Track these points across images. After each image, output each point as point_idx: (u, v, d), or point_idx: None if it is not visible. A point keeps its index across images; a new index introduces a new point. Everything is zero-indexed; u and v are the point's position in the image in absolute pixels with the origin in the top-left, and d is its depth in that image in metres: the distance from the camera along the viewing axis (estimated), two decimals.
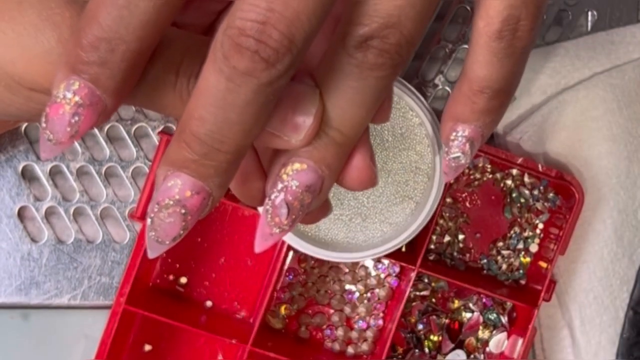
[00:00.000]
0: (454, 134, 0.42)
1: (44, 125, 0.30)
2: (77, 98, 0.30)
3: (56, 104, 0.30)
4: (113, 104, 0.31)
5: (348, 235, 0.54)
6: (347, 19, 0.31)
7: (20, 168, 0.61)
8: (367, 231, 0.55)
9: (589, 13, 0.65)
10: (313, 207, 0.33)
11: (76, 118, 0.30)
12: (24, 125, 0.61)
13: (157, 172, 0.31)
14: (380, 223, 0.55)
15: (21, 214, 0.61)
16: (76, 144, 0.61)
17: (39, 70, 0.32)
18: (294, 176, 0.32)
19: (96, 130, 0.62)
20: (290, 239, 0.53)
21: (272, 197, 0.32)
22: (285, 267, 0.62)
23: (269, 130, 0.32)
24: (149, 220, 0.31)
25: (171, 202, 0.30)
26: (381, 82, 0.32)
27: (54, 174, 0.62)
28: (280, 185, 0.32)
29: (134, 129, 0.62)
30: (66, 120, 0.30)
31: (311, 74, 0.32)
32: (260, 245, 0.33)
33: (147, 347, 0.61)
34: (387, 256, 0.59)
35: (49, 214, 0.62)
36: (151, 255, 0.32)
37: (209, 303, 0.62)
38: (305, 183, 0.32)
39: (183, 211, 0.31)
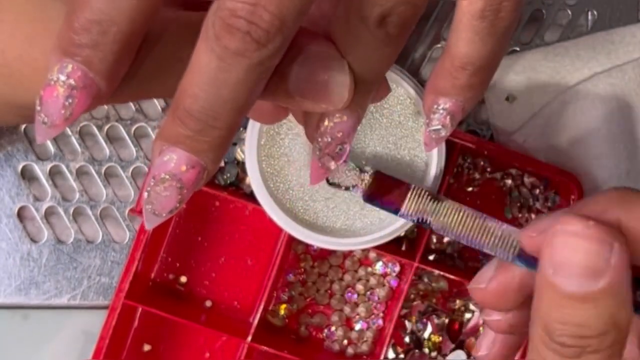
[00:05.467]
0: (435, 106, 0.44)
1: (38, 108, 0.31)
2: (70, 80, 0.30)
3: (50, 86, 0.30)
4: (107, 87, 0.31)
5: (346, 222, 0.54)
6: None
7: (19, 168, 0.61)
8: (365, 218, 0.54)
9: (589, 13, 0.65)
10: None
11: (70, 100, 0.30)
12: (24, 125, 0.61)
13: (153, 146, 0.32)
14: (379, 210, 0.55)
15: (21, 214, 0.62)
16: (76, 144, 0.61)
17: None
18: (335, 124, 0.35)
19: (96, 130, 0.62)
20: (288, 225, 0.53)
21: (320, 142, 0.36)
22: (285, 266, 0.62)
23: (316, 104, 0.34)
24: (145, 194, 0.32)
25: (167, 177, 0.31)
26: (402, 43, 0.34)
27: (54, 174, 0.62)
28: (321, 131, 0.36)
29: (133, 128, 0.62)
30: (60, 102, 0.30)
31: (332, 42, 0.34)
32: (314, 178, 0.38)
33: (147, 347, 0.61)
34: (387, 252, 0.59)
35: (48, 214, 0.62)
36: (148, 226, 0.33)
37: (208, 302, 0.62)
38: (344, 130, 0.35)
39: (179, 185, 0.31)
